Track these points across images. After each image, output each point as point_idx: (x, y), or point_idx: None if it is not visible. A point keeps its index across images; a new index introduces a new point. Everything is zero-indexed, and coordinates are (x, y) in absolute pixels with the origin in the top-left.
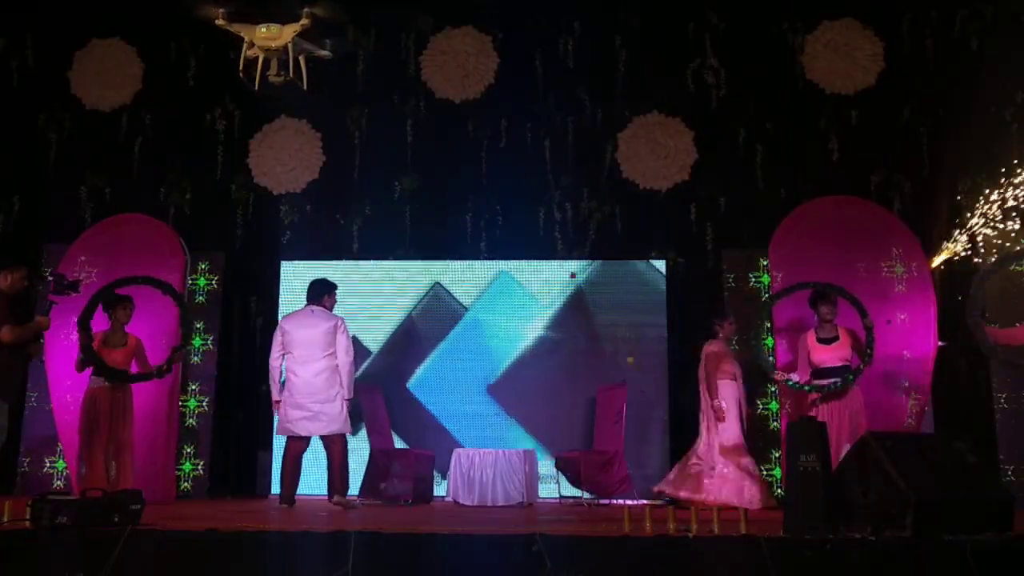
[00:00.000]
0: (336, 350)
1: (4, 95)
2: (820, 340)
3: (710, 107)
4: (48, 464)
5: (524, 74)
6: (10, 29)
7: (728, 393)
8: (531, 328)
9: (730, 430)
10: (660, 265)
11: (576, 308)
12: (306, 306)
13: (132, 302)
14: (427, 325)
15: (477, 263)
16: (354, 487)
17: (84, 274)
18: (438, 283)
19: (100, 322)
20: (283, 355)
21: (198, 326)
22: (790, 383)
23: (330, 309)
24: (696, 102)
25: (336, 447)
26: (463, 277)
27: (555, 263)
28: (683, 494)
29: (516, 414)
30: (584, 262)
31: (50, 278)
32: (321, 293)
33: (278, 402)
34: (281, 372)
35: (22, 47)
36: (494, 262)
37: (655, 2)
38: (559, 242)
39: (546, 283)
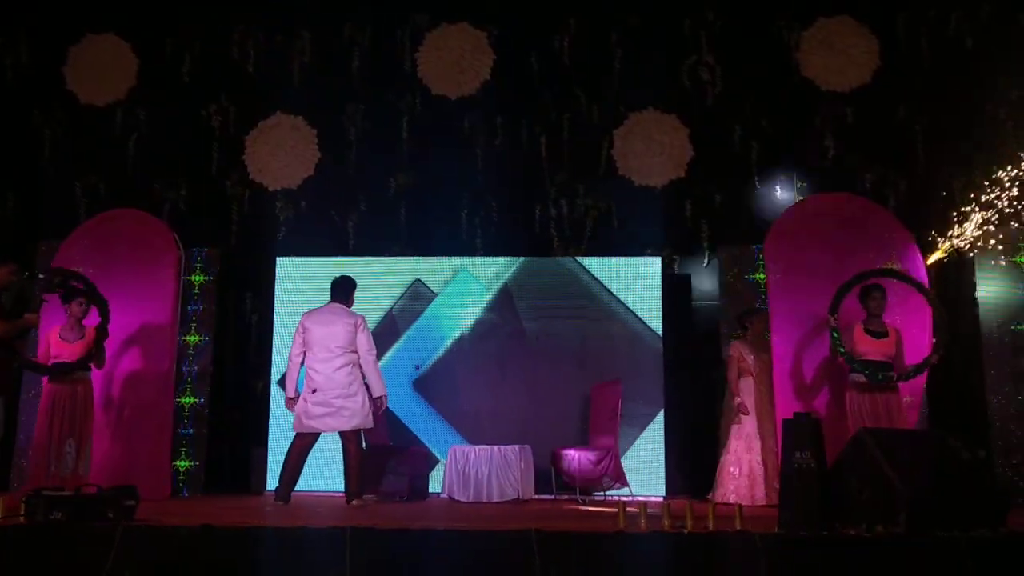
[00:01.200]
0: (358, 348)
1: None
2: (868, 332)
3: (706, 104)
4: None
5: (520, 71)
6: (4, 24)
7: (747, 390)
8: (524, 326)
9: (747, 427)
10: (656, 262)
11: (571, 304)
12: (328, 303)
13: (85, 296)
14: (430, 322)
15: (472, 259)
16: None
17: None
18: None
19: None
20: (303, 352)
21: (193, 322)
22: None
23: (350, 307)
24: (692, 99)
25: (353, 444)
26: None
27: (549, 259)
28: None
29: (508, 411)
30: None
31: (41, 276)
32: (348, 291)
33: (292, 400)
34: (301, 369)
35: (16, 42)
36: (491, 259)
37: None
38: (555, 239)
39: (542, 279)
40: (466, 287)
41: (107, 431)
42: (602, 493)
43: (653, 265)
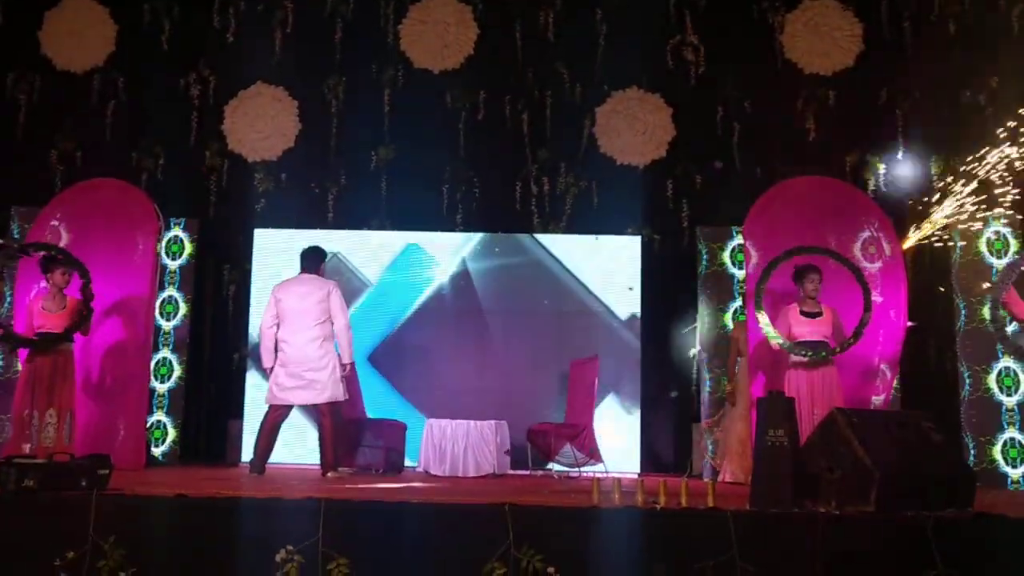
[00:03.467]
0: (332, 316)
1: None
2: (803, 313)
3: (689, 84)
4: None
5: (503, 46)
6: None
7: (742, 371)
8: (502, 301)
9: (738, 408)
10: (636, 241)
11: (548, 282)
12: (299, 274)
13: (69, 267)
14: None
15: (451, 235)
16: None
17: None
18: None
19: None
20: (276, 324)
21: (172, 294)
22: (783, 345)
23: (321, 276)
24: (675, 79)
25: (327, 418)
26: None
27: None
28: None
29: (484, 386)
30: (560, 236)
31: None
32: (318, 261)
33: (270, 369)
34: (275, 340)
35: None
36: (469, 234)
37: None
38: (535, 215)
39: (520, 256)
40: (444, 262)
41: (84, 401)
42: (577, 469)
43: (633, 243)
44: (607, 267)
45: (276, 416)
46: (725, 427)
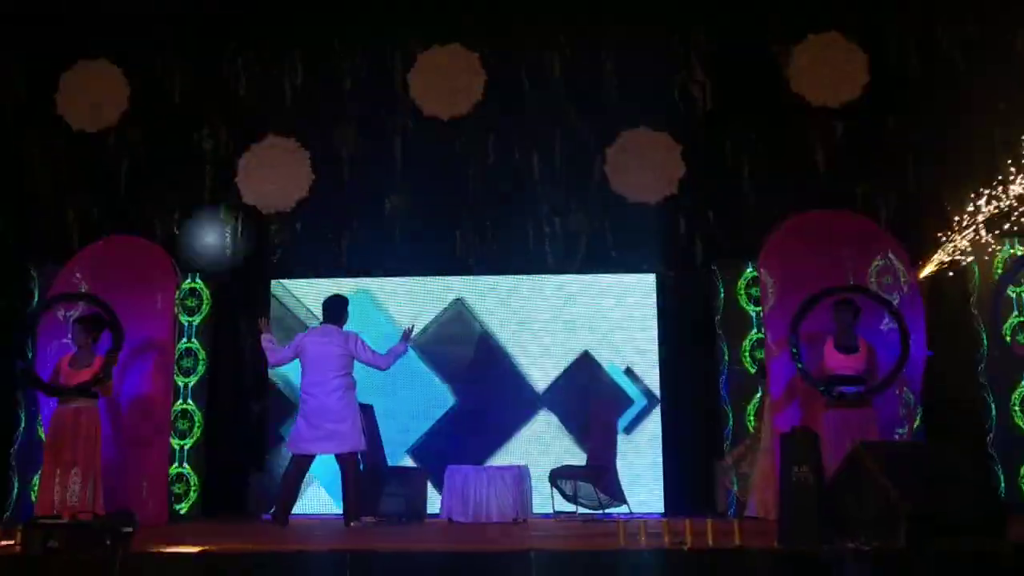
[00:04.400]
0: (368, 361)
1: None
2: (839, 347)
3: (697, 121)
4: None
5: (512, 90)
6: None
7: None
8: (521, 342)
9: (762, 442)
10: (650, 279)
11: (566, 323)
12: (322, 324)
13: (98, 323)
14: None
15: (466, 279)
16: None
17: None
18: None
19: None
20: (285, 361)
21: (191, 346)
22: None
23: (343, 326)
24: (683, 116)
25: (350, 467)
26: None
27: (547, 277)
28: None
29: (503, 430)
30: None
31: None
32: (341, 310)
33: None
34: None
35: (8, 68)
36: (483, 277)
37: (641, 17)
38: (548, 256)
39: (537, 297)
40: (460, 309)
41: (107, 457)
42: (601, 511)
43: (647, 281)
44: (624, 305)
45: (300, 466)
46: (750, 461)
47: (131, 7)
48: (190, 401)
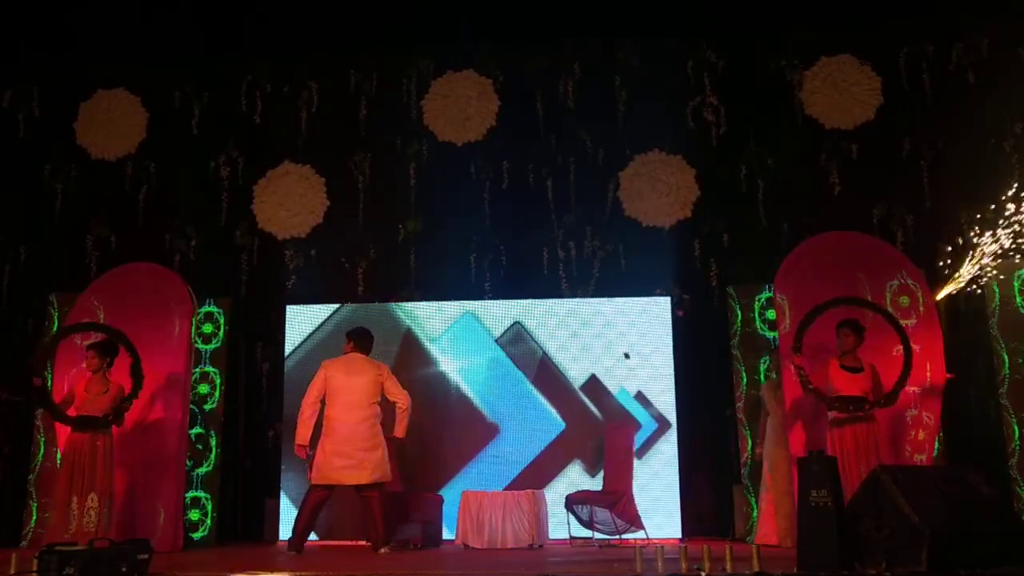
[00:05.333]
0: (394, 398)
1: (10, 146)
2: (844, 368)
3: (711, 144)
4: None
5: (525, 116)
6: (16, 80)
7: (768, 430)
8: (536, 367)
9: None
10: (665, 302)
11: (580, 345)
12: (349, 353)
13: (111, 349)
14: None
15: (480, 303)
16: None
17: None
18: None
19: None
20: (320, 400)
21: (207, 371)
22: (822, 398)
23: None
24: (697, 140)
25: (377, 497)
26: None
27: (561, 302)
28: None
29: (524, 455)
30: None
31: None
32: (370, 342)
33: (303, 447)
34: (315, 416)
35: (28, 98)
36: (498, 302)
37: (654, 42)
38: (563, 281)
39: (550, 321)
40: (472, 330)
41: (121, 483)
42: (618, 537)
43: (662, 305)
44: (639, 329)
45: (320, 496)
46: (765, 488)
47: (148, 38)
48: (205, 427)
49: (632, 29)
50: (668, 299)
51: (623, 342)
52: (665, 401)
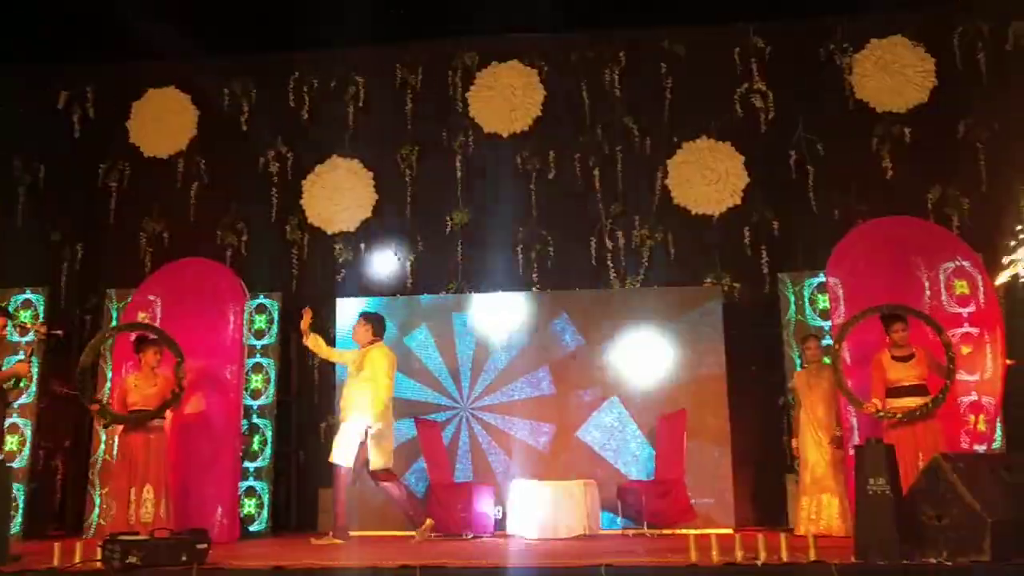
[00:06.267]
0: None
1: (67, 146)
2: (895, 358)
3: (759, 131)
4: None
5: (571, 105)
6: (71, 82)
7: (802, 420)
8: (588, 358)
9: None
10: (715, 291)
11: (631, 335)
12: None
13: (160, 345)
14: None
15: (527, 294)
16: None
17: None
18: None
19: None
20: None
21: (260, 363)
22: (879, 414)
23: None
24: (745, 126)
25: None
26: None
27: (610, 292)
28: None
29: (572, 444)
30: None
31: (30, 326)
32: (384, 328)
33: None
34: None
35: (83, 99)
36: (546, 293)
37: (699, 29)
38: (611, 271)
39: (598, 310)
40: (517, 319)
41: (178, 474)
42: (669, 526)
43: (712, 294)
44: (689, 318)
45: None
46: (801, 479)
47: (197, 37)
48: (260, 419)
49: (677, 16)
50: (718, 288)
51: (672, 331)
52: (717, 390)
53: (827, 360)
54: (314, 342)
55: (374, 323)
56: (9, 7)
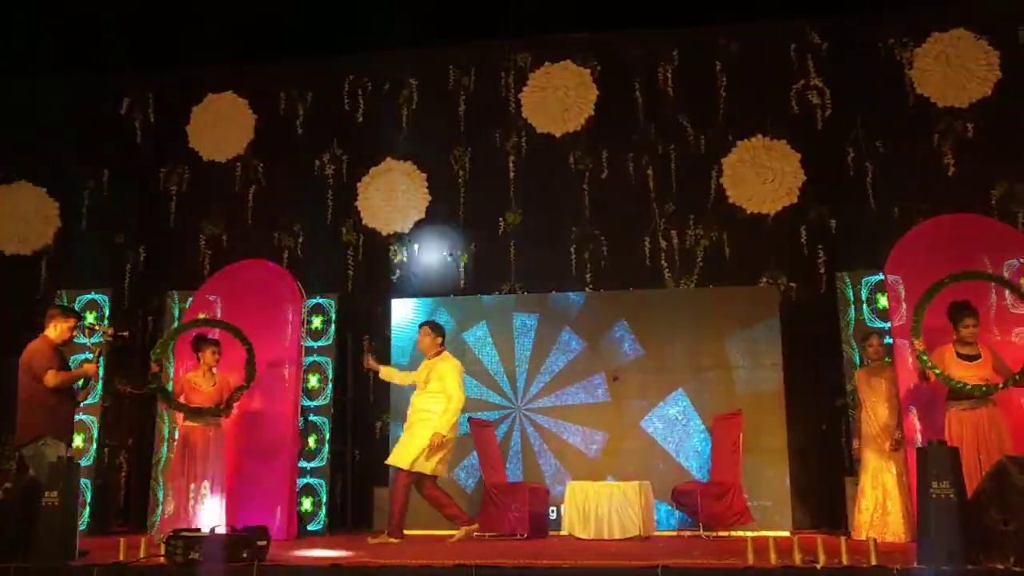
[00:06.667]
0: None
1: (130, 151)
2: (960, 356)
3: (816, 128)
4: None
5: (624, 105)
6: (132, 89)
7: (864, 420)
8: (642, 358)
9: (868, 461)
10: (772, 290)
11: (685, 336)
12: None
13: (218, 345)
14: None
15: (580, 292)
16: None
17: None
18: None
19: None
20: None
21: (317, 361)
22: (939, 373)
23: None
24: (801, 123)
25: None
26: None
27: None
28: None
29: (625, 445)
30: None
31: (98, 328)
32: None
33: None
34: None
35: (144, 105)
36: (598, 293)
37: (754, 26)
38: (665, 270)
39: (654, 311)
40: (574, 320)
41: (236, 473)
42: (725, 528)
43: (769, 293)
44: (745, 318)
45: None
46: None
47: (254, 43)
48: (317, 417)
49: (732, 12)
50: (775, 288)
51: (728, 331)
52: (774, 391)
53: (888, 360)
54: (387, 373)
55: (440, 332)
56: (73, 17)
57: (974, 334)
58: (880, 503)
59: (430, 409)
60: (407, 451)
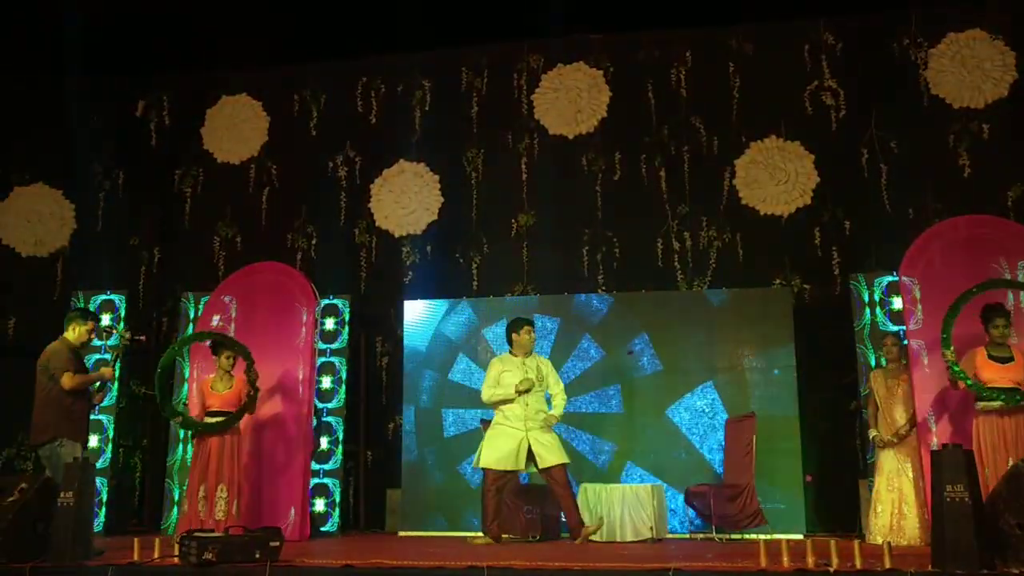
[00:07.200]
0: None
1: (144, 154)
2: (992, 357)
3: (830, 129)
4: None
5: (637, 106)
6: (147, 91)
7: (881, 422)
8: (654, 359)
9: (884, 463)
10: (785, 292)
11: (698, 338)
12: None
13: (233, 351)
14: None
15: (594, 295)
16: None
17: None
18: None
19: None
20: None
21: (330, 363)
22: (970, 383)
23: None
24: (815, 124)
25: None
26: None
27: (677, 294)
28: None
29: (642, 448)
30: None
31: (115, 331)
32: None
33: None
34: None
35: (159, 108)
36: (614, 294)
37: (767, 26)
38: (678, 272)
39: (667, 313)
40: (589, 321)
41: (249, 474)
42: (738, 531)
43: (783, 295)
44: (758, 320)
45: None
46: (875, 484)
47: (267, 46)
48: (330, 419)
49: (745, 14)
50: (788, 289)
51: (741, 333)
52: (787, 393)
53: (904, 361)
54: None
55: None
56: (89, 21)
57: (1004, 335)
58: (896, 507)
59: (546, 409)
60: (497, 452)
